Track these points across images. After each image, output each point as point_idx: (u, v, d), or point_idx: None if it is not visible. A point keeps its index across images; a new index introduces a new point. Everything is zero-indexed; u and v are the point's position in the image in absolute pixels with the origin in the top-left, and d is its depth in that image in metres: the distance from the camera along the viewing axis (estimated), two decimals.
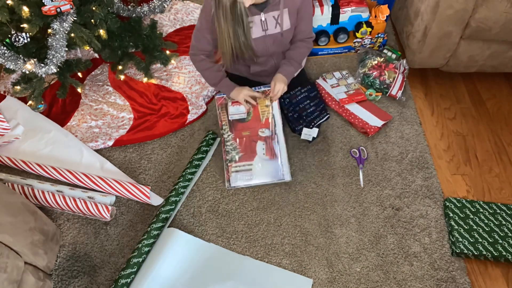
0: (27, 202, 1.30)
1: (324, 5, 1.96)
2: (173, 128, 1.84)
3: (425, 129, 1.86)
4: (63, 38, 1.56)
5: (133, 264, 1.43)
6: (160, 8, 1.97)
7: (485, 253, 1.47)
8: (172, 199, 1.59)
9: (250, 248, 1.54)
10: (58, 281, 1.48)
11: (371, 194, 1.66)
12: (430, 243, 1.54)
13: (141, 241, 1.48)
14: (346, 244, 1.54)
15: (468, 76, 2.04)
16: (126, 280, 1.40)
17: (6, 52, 1.56)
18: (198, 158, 1.72)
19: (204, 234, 1.57)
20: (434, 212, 1.61)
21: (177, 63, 2.04)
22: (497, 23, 1.65)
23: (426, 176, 1.70)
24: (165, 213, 1.56)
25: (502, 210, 1.58)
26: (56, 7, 1.54)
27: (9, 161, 1.70)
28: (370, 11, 2.02)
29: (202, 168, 1.73)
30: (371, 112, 1.86)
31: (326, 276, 1.47)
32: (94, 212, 1.52)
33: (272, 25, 1.54)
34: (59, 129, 1.81)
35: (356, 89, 1.93)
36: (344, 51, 2.12)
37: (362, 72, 1.96)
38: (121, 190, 1.59)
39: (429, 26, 1.73)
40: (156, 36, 1.94)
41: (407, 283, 1.46)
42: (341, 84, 1.95)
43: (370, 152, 1.77)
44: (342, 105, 1.88)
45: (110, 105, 1.92)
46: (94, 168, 1.71)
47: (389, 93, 1.91)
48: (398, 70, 1.93)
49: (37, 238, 1.23)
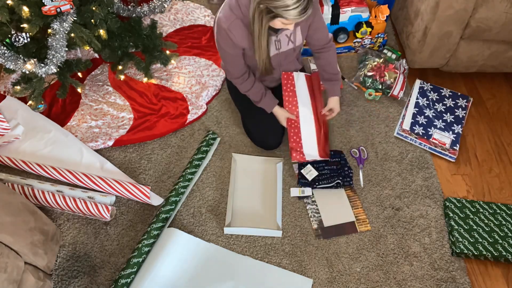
0: (27, 202, 1.30)
1: (324, 5, 1.96)
2: (173, 128, 1.84)
3: None
4: (63, 38, 1.56)
5: (133, 264, 1.43)
6: (160, 8, 1.97)
7: (485, 253, 1.47)
8: (172, 199, 1.59)
9: (250, 248, 1.54)
10: (58, 281, 1.48)
11: (371, 194, 1.66)
12: (430, 243, 1.54)
13: (141, 241, 1.48)
14: (346, 244, 1.54)
15: (468, 76, 2.04)
16: (126, 280, 1.40)
17: (6, 52, 1.56)
18: (198, 158, 1.72)
19: (204, 234, 1.57)
20: (434, 212, 1.61)
21: (177, 63, 2.04)
22: (497, 23, 1.65)
23: (426, 176, 1.70)
24: (165, 213, 1.56)
25: (502, 210, 1.58)
26: (56, 7, 1.54)
27: (9, 161, 1.70)
28: (370, 11, 2.02)
29: (202, 168, 1.73)
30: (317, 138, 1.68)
31: (326, 276, 1.47)
32: (94, 212, 1.52)
33: (285, 43, 1.55)
34: (59, 129, 1.81)
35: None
36: (344, 51, 2.12)
37: (362, 73, 1.96)
38: (121, 190, 1.59)
39: (429, 26, 1.73)
40: (156, 36, 1.94)
41: (407, 283, 1.46)
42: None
43: (370, 152, 1.77)
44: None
45: (110, 105, 1.92)
46: (94, 168, 1.71)
47: (390, 94, 1.91)
48: (399, 71, 1.93)
49: (37, 238, 1.23)
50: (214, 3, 2.36)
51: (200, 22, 2.24)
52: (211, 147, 1.78)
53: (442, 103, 1.90)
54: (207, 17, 2.26)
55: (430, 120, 1.84)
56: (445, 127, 1.82)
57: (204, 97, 1.94)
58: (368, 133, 1.83)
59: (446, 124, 1.83)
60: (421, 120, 1.84)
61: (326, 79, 1.70)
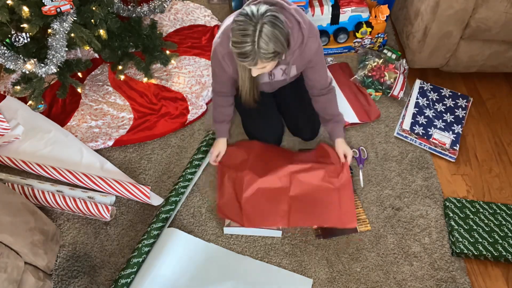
0: (27, 202, 1.30)
1: (324, 5, 1.96)
2: (173, 128, 1.84)
3: None
4: (63, 38, 1.56)
5: (133, 264, 1.43)
6: (160, 8, 1.97)
7: (485, 253, 1.47)
8: (172, 199, 1.59)
9: (250, 248, 1.54)
10: (58, 281, 1.48)
11: (371, 194, 1.66)
12: (430, 243, 1.54)
13: (141, 241, 1.48)
14: (346, 244, 1.54)
15: (468, 76, 2.04)
16: (126, 280, 1.40)
17: (6, 52, 1.56)
18: (198, 158, 1.72)
19: (204, 234, 1.57)
20: (434, 212, 1.61)
21: (177, 63, 2.04)
22: (497, 23, 1.65)
23: (426, 176, 1.70)
24: (165, 213, 1.56)
25: (502, 210, 1.59)
26: (56, 7, 1.54)
27: (9, 161, 1.70)
28: (370, 11, 2.02)
29: (202, 168, 1.73)
30: (351, 105, 1.86)
31: (326, 276, 1.47)
32: (94, 212, 1.52)
33: (279, 74, 1.53)
34: (59, 129, 1.81)
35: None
36: (344, 51, 2.12)
37: (362, 74, 1.96)
38: (121, 190, 1.59)
39: (429, 26, 1.73)
40: (156, 36, 1.94)
41: (407, 283, 1.46)
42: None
43: (370, 152, 1.77)
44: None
45: (110, 105, 1.92)
46: (94, 168, 1.71)
47: (391, 94, 1.91)
48: (399, 71, 1.93)
49: (37, 238, 1.23)
50: (214, 3, 2.36)
51: (200, 22, 2.24)
52: (211, 148, 1.78)
53: (442, 103, 1.90)
54: (207, 17, 2.26)
55: (430, 120, 1.84)
56: (445, 127, 1.82)
57: (204, 97, 1.94)
58: (368, 133, 1.83)
59: (446, 124, 1.83)
60: (421, 120, 1.84)
61: (327, 121, 1.60)
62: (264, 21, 1.16)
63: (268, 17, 1.17)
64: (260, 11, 1.17)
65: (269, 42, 1.18)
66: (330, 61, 2.08)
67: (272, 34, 1.17)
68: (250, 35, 1.16)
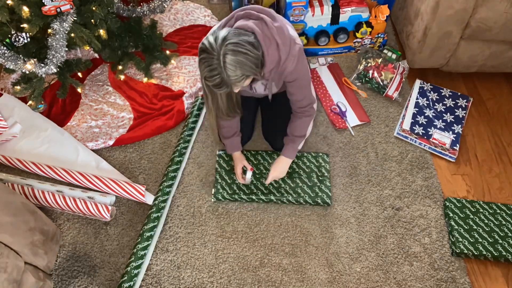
0: (27, 202, 1.30)
1: (324, 5, 1.96)
2: (172, 126, 1.84)
3: None
4: (63, 38, 1.56)
5: (133, 270, 1.43)
6: (160, 8, 1.97)
7: (485, 253, 1.47)
8: (171, 174, 1.63)
9: (250, 248, 1.54)
10: (58, 281, 1.48)
11: (371, 194, 1.66)
12: (430, 243, 1.54)
13: (136, 245, 1.48)
14: (346, 244, 1.54)
15: (468, 76, 2.04)
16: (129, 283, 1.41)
17: (6, 52, 1.56)
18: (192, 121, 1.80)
19: (204, 234, 1.57)
20: (434, 212, 1.61)
21: (177, 63, 2.04)
22: (497, 23, 1.65)
23: (426, 176, 1.70)
24: (165, 191, 1.56)
25: (502, 210, 1.58)
26: (56, 7, 1.54)
27: (4, 160, 1.70)
28: (370, 11, 2.02)
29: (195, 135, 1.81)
30: (352, 107, 1.90)
31: (326, 276, 1.47)
32: (94, 212, 1.52)
33: (261, 89, 1.56)
34: (55, 127, 1.81)
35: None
36: (344, 51, 2.12)
37: (360, 71, 1.96)
38: (117, 189, 1.59)
39: (429, 26, 1.73)
40: (156, 36, 1.94)
41: (407, 283, 1.46)
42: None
43: (370, 152, 1.77)
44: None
45: (110, 105, 1.92)
46: (90, 166, 1.70)
47: (385, 94, 1.91)
48: (396, 71, 1.93)
49: (37, 238, 1.23)
50: (214, 3, 2.36)
51: (200, 22, 2.24)
52: (201, 111, 1.87)
53: (442, 103, 1.90)
54: (207, 17, 2.26)
55: (430, 120, 1.84)
56: (445, 127, 1.82)
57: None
58: (368, 133, 1.83)
59: (446, 124, 1.83)
60: (421, 120, 1.84)
61: (288, 136, 1.59)
62: (225, 50, 1.15)
63: (228, 45, 1.15)
64: (219, 41, 1.15)
65: (236, 69, 1.17)
66: (330, 61, 2.08)
67: (236, 62, 1.16)
68: (216, 68, 1.16)
